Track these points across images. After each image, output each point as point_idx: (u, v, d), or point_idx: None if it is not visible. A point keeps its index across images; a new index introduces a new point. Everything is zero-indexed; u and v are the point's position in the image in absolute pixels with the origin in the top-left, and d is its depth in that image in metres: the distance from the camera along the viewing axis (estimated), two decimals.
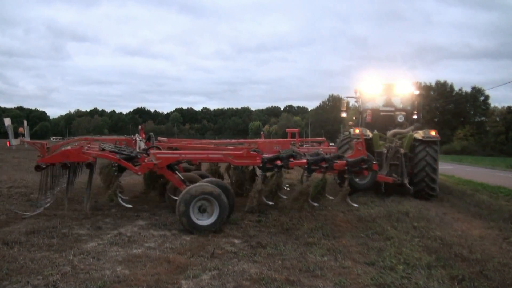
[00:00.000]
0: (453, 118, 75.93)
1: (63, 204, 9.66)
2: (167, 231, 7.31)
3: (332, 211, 9.52)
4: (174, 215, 8.57)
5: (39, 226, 7.37)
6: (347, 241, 6.86)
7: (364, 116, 14.94)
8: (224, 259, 5.79)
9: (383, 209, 9.66)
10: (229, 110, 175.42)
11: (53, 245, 6.27)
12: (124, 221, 8.12)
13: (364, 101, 15.26)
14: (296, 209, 8.63)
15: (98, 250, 6.07)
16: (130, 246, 6.32)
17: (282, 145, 12.40)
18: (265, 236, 7.13)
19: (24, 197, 10.61)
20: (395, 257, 5.99)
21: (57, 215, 8.49)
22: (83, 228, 7.41)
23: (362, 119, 15.12)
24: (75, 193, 11.39)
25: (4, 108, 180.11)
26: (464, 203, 11.27)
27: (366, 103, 15.22)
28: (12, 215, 8.37)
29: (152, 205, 9.90)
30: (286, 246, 6.48)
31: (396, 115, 14.68)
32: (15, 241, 6.38)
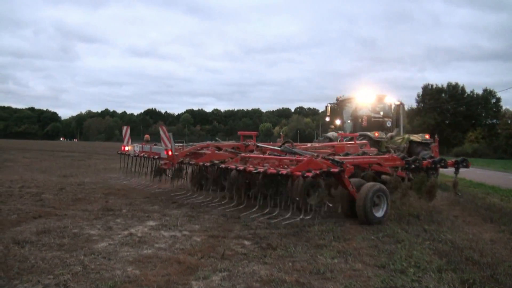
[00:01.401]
0: (464, 120, 75.52)
1: (73, 204, 9.77)
2: (177, 232, 7.32)
3: (342, 214, 9.49)
4: (184, 216, 8.64)
5: (50, 226, 7.42)
6: (358, 244, 6.83)
7: (360, 121, 16.84)
8: (235, 260, 5.79)
9: (394, 211, 9.60)
10: (239, 112, 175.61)
11: (64, 244, 6.30)
12: (135, 221, 8.15)
13: (358, 108, 17.29)
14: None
15: (108, 250, 6.09)
16: (140, 247, 6.34)
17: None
18: (275, 237, 7.12)
19: (35, 197, 10.64)
20: (405, 260, 5.96)
21: (67, 215, 8.54)
22: (93, 228, 7.44)
23: (357, 124, 17.02)
24: (85, 193, 11.46)
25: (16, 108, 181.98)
26: (475, 206, 11.18)
27: (360, 110, 17.26)
28: (23, 215, 8.39)
29: (162, 206, 9.92)
30: (297, 248, 6.47)
31: (385, 121, 17.00)
32: (26, 240, 6.42)
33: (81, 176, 15.77)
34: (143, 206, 9.83)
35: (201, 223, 8.14)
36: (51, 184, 13.14)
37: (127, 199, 10.79)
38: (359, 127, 16.72)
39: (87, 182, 13.82)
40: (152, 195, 11.47)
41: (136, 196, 11.32)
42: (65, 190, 11.86)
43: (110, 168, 20.47)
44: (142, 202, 10.32)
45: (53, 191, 11.61)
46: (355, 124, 17.18)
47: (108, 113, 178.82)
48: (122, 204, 9.96)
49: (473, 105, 76.16)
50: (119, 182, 13.68)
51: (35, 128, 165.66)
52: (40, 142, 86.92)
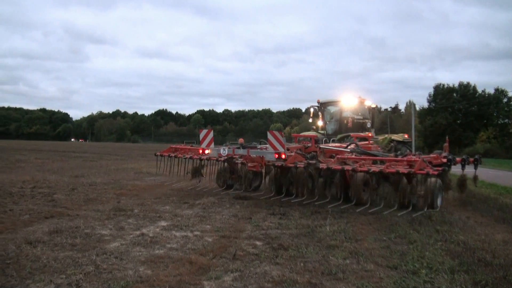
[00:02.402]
0: (476, 120, 74.92)
1: (85, 205, 9.83)
2: (189, 232, 7.34)
3: (354, 214, 9.47)
4: (196, 217, 8.67)
5: (62, 226, 7.46)
6: (370, 244, 6.80)
7: (345, 122, 18.13)
8: (246, 261, 5.78)
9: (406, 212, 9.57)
10: (250, 112, 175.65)
11: (76, 244, 6.32)
12: (147, 221, 8.18)
13: (343, 110, 18.50)
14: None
15: (120, 250, 6.11)
16: (152, 247, 6.36)
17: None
18: (287, 238, 7.11)
19: (47, 197, 10.70)
20: (418, 261, 5.92)
21: (79, 215, 8.59)
22: (105, 229, 7.47)
23: (342, 125, 18.25)
24: (97, 193, 11.52)
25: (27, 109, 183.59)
26: (488, 207, 11.09)
27: (344, 112, 18.49)
28: (35, 215, 8.44)
29: (174, 206, 9.95)
30: (308, 249, 6.45)
31: (365, 122, 18.33)
32: (38, 240, 6.45)
33: (93, 177, 15.87)
34: (154, 206, 9.87)
35: (213, 223, 8.16)
36: (63, 184, 13.23)
37: (139, 199, 10.84)
38: (345, 128, 18.02)
39: (98, 183, 13.90)
40: (164, 195, 11.52)
41: (148, 196, 11.38)
42: (77, 191, 11.94)
43: (122, 168, 20.61)
44: (154, 203, 10.36)
45: (65, 192, 11.69)
46: (340, 125, 18.39)
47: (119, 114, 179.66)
48: (133, 204, 10.01)
49: (484, 105, 75.45)
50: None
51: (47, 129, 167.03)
52: (51, 143, 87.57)
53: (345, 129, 17.84)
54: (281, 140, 11.08)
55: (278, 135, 11.14)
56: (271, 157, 10.99)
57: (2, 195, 10.72)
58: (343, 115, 18.50)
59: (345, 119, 18.30)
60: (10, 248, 5.99)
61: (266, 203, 10.70)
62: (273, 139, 11.12)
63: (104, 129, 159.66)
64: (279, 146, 11.01)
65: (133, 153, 44.21)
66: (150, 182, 14.83)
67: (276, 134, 11.19)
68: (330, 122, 19.01)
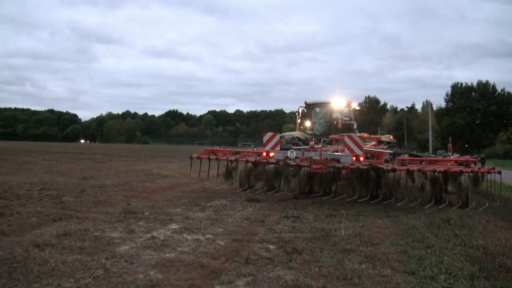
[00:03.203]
0: (495, 120, 74.26)
1: (94, 207, 9.88)
2: (200, 236, 7.35)
3: (370, 217, 9.44)
4: (207, 219, 8.68)
5: (70, 228, 7.49)
6: (386, 249, 6.76)
7: (335, 123, 19.10)
8: (259, 265, 5.77)
9: (423, 215, 9.51)
10: (262, 112, 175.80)
11: (85, 248, 6.35)
12: (157, 224, 8.20)
13: (333, 111, 19.61)
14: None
15: (131, 254, 6.13)
16: (163, 250, 6.37)
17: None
18: (301, 241, 7.10)
19: (56, 199, 10.76)
20: (436, 266, 5.87)
21: (89, 217, 8.63)
22: (115, 231, 7.51)
23: (332, 126, 19.25)
24: (106, 195, 11.58)
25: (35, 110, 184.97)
26: (508, 211, 10.96)
27: (334, 114, 19.61)
28: (43, 217, 8.48)
29: (185, 209, 9.98)
30: (323, 253, 6.43)
31: (352, 123, 19.67)
32: (46, 243, 6.48)
33: (102, 179, 15.95)
34: (165, 209, 9.90)
35: (225, 226, 8.17)
36: (71, 186, 13.31)
37: (149, 201, 10.89)
38: (334, 129, 19.08)
39: (108, 185, 13.96)
40: (175, 198, 11.56)
41: (159, 198, 11.43)
42: (86, 193, 12.01)
43: (132, 170, 20.68)
44: (165, 205, 10.39)
45: (74, 194, 11.75)
46: (330, 126, 19.45)
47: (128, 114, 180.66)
48: (144, 206, 10.05)
49: (504, 104, 74.78)
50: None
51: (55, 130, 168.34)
52: (60, 144, 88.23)
53: (334, 130, 18.93)
54: (360, 143, 11.79)
55: (356, 139, 11.91)
56: (348, 159, 11.59)
57: (9, 197, 10.79)
58: (333, 116, 19.64)
59: (335, 120, 19.37)
60: (17, 252, 6.02)
61: (280, 206, 10.70)
62: (350, 142, 11.75)
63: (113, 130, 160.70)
64: (357, 149, 11.62)
65: (143, 154, 44.40)
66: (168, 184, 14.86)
67: (354, 138, 11.97)
68: (318, 123, 20.10)
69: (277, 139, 12.89)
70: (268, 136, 12.98)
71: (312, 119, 20.29)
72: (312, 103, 20.55)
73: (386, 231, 8.04)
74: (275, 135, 13.04)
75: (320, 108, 20.45)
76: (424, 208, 10.69)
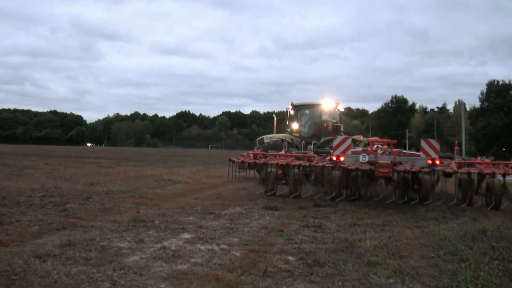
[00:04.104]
0: None
1: (101, 215, 9.95)
2: (215, 246, 7.37)
3: (397, 227, 9.38)
4: (222, 229, 8.70)
5: (75, 238, 7.53)
6: (416, 262, 6.71)
7: (325, 126, 20.50)
8: (278, 278, 5.77)
9: (456, 226, 9.41)
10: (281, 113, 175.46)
11: (90, 258, 6.37)
12: (168, 233, 8.24)
13: (322, 113, 20.92)
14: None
15: (140, 265, 6.16)
16: (175, 261, 6.40)
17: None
18: (323, 253, 7.08)
19: (59, 206, 10.80)
20: (471, 282, 5.80)
21: (95, 226, 8.67)
22: (123, 241, 7.55)
23: (322, 128, 20.60)
24: (114, 202, 11.66)
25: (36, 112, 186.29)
26: None
27: (324, 116, 20.91)
28: (45, 226, 8.52)
29: (198, 217, 10.01)
30: (347, 266, 6.40)
31: (339, 125, 21.25)
32: (49, 254, 6.50)
33: (109, 184, 16.06)
34: (177, 217, 9.95)
35: (241, 236, 8.18)
36: (76, 193, 13.38)
37: (160, 209, 10.94)
38: (324, 131, 20.49)
39: (115, 191, 14.05)
40: (187, 205, 11.59)
41: (170, 206, 11.47)
42: (92, 199, 12.09)
43: (141, 175, 20.80)
44: (176, 213, 10.44)
45: (79, 201, 11.83)
46: (320, 128, 20.77)
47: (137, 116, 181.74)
48: (154, 214, 10.10)
49: None
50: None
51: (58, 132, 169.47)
52: (63, 148, 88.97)
53: (324, 133, 20.41)
54: (436, 147, 12.85)
55: (433, 143, 12.99)
56: (423, 163, 12.72)
57: (8, 204, 10.85)
58: (323, 119, 20.94)
59: (325, 122, 20.71)
60: (17, 263, 6.04)
61: (299, 214, 10.69)
62: (426, 146, 12.87)
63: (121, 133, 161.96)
64: (433, 152, 12.78)
65: (153, 158, 44.67)
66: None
67: (431, 142, 13.07)
68: (305, 125, 21.40)
69: (348, 143, 13.38)
70: (338, 140, 13.48)
71: (300, 121, 21.52)
72: (299, 104, 21.68)
73: (415, 243, 7.97)
74: (347, 139, 13.57)
75: (308, 110, 21.73)
76: (456, 207, 11.80)
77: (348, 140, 13.42)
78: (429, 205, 12.21)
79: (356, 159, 12.86)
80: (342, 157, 13.07)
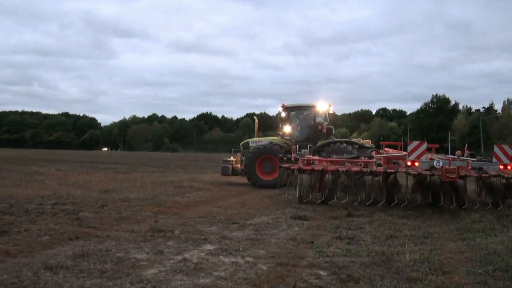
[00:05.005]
0: None
1: (117, 224, 10.02)
2: (239, 258, 7.37)
3: (440, 239, 9.26)
4: (247, 240, 8.69)
5: (89, 248, 7.59)
6: (461, 278, 6.60)
7: (320, 128, 21.12)
8: None
9: (507, 239, 9.26)
10: None
11: (106, 271, 6.42)
12: (189, 244, 8.27)
13: (316, 115, 21.62)
14: None
15: (159, 278, 6.19)
16: (196, 275, 6.41)
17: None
18: (357, 267, 7.02)
19: (72, 215, 10.92)
20: None
21: (110, 236, 8.75)
22: (141, 252, 7.59)
23: (317, 131, 21.18)
24: (131, 211, 11.73)
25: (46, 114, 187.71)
26: None
27: (318, 118, 21.63)
28: (57, 236, 8.59)
29: (221, 227, 10.03)
30: (384, 281, 6.34)
31: (331, 128, 21.89)
32: (61, 265, 6.56)
33: (126, 191, 16.22)
34: (198, 226, 9.98)
35: (267, 247, 8.16)
36: (90, 200, 13.54)
37: (180, 218, 11.00)
38: (318, 134, 21.13)
39: (132, 198, 14.17)
40: (209, 214, 11.62)
41: (190, 215, 11.52)
42: (107, 208, 12.20)
43: (160, 181, 20.94)
44: (198, 222, 10.47)
45: (93, 209, 11.96)
46: (315, 131, 21.29)
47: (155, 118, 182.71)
48: (174, 224, 10.16)
49: None
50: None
51: (70, 136, 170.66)
52: (76, 153, 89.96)
53: (318, 136, 21.09)
54: (509, 152, 14.20)
55: (506, 148, 14.41)
56: (495, 168, 14.00)
57: (16, 212, 11.02)
58: (317, 121, 21.58)
59: (319, 125, 21.34)
60: (25, 275, 6.11)
61: (331, 225, 10.63)
62: (499, 151, 14.31)
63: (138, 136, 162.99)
64: (505, 158, 14.11)
65: (172, 164, 44.98)
66: None
67: (504, 147, 14.53)
68: (298, 128, 21.91)
69: (423, 148, 14.19)
70: (414, 145, 14.27)
71: (292, 124, 21.93)
72: (292, 106, 22.08)
73: (460, 257, 7.85)
74: (422, 144, 14.35)
75: (301, 112, 22.28)
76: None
77: (423, 145, 14.20)
78: (475, 215, 12.01)
79: (430, 164, 13.74)
80: (417, 162, 13.79)
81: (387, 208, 13.12)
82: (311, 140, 20.92)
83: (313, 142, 20.88)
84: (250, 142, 22.25)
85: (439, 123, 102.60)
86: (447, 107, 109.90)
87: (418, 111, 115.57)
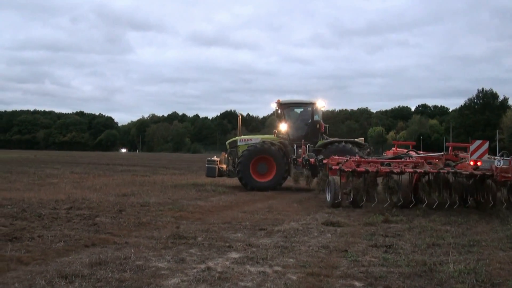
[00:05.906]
0: None
1: (136, 230, 10.09)
2: (267, 267, 7.36)
3: (487, 248, 9.13)
4: (275, 247, 8.68)
5: (106, 256, 7.64)
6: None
7: (317, 127, 21.73)
8: None
9: None
10: (341, 113, 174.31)
11: (124, 280, 6.45)
12: (213, 252, 8.28)
13: (314, 113, 21.95)
14: None
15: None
16: (221, 285, 6.41)
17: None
18: (396, 278, 6.95)
19: (88, 220, 11.02)
20: None
21: (129, 243, 8.79)
22: (162, 260, 7.62)
23: (315, 129, 21.74)
24: (150, 216, 11.79)
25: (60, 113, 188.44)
26: None
27: (315, 116, 21.96)
28: (72, 242, 8.66)
29: (247, 234, 10.03)
30: None
31: (327, 126, 22.56)
32: (76, 274, 6.59)
33: (145, 195, 16.35)
34: (223, 233, 9.99)
35: (297, 256, 8.14)
36: (107, 205, 13.65)
37: (203, 224, 11.04)
38: (316, 132, 21.73)
39: (152, 203, 14.26)
40: (234, 219, 11.63)
41: (214, 220, 11.54)
42: (126, 213, 12.31)
43: (181, 185, 21.04)
44: (222, 229, 10.49)
45: (110, 214, 12.06)
46: (313, 129, 21.78)
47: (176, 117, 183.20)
48: (197, 230, 10.17)
49: None
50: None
51: (85, 136, 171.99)
52: (91, 154, 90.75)
53: (316, 134, 21.75)
54: None
55: None
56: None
57: (29, 217, 11.15)
58: (315, 119, 22.02)
59: (317, 123, 21.90)
60: (39, 284, 6.17)
61: (366, 232, 10.56)
62: None
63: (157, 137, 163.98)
64: None
65: (194, 166, 45.10)
66: None
67: None
68: (294, 126, 22.14)
69: (485, 147, 14.94)
70: (476, 144, 15.11)
71: (287, 121, 22.11)
72: (287, 103, 22.50)
73: (511, 268, 7.74)
74: (484, 143, 15.11)
75: (298, 109, 22.85)
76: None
77: (485, 145, 14.95)
78: None
79: (492, 163, 14.26)
80: (480, 162, 14.42)
81: (428, 214, 13.02)
82: (309, 139, 21.08)
83: (310, 141, 21.09)
84: (238, 141, 22.12)
85: (485, 120, 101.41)
86: (494, 102, 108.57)
87: (462, 108, 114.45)
